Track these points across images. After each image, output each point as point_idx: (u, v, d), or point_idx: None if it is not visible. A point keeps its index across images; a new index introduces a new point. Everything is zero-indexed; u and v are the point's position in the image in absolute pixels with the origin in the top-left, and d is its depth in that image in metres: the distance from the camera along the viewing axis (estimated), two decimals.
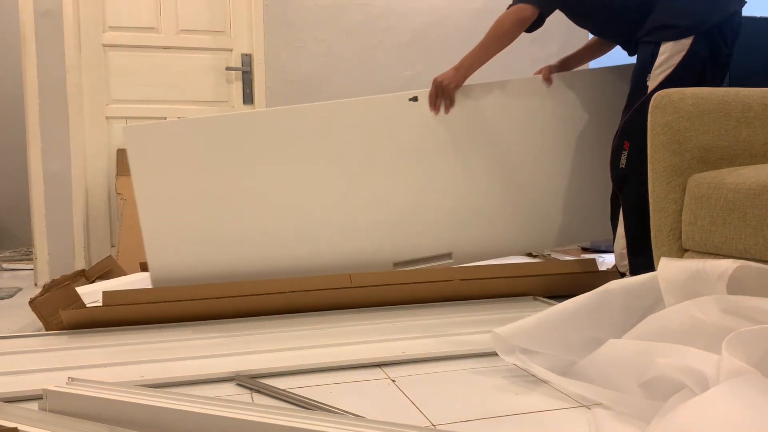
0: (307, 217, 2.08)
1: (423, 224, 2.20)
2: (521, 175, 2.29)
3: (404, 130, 2.15)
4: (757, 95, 1.65)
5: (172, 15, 3.07)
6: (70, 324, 1.82)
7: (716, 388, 0.97)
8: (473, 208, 2.25)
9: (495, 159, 2.26)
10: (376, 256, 2.16)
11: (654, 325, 1.23)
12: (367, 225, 2.14)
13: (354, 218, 2.12)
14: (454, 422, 1.15)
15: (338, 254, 2.11)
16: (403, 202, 2.17)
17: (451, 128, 2.20)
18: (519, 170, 2.28)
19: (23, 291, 2.66)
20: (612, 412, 1.15)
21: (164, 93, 3.08)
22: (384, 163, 2.14)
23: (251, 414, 1.01)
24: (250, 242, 2.04)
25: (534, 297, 2.16)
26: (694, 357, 1.07)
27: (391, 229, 2.17)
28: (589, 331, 1.36)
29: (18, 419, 1.06)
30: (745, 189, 1.39)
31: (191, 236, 1.99)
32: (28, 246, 3.89)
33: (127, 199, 2.85)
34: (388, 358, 1.51)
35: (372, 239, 2.15)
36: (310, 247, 2.09)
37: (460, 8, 3.35)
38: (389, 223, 2.16)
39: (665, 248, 1.61)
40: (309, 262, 2.09)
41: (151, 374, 1.41)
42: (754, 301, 1.13)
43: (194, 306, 1.89)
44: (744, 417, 0.90)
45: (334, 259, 2.11)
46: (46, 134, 2.88)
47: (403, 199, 2.17)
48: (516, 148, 2.27)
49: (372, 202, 2.14)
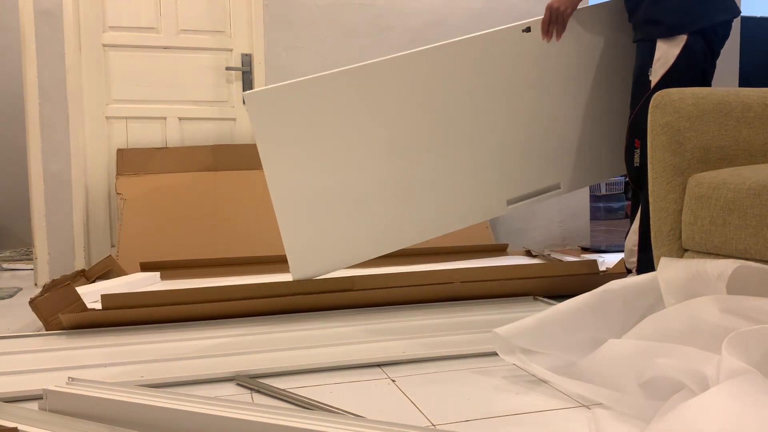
0: (431, 165, 2.04)
1: (533, 159, 2.18)
2: (622, 102, 2.26)
3: (516, 64, 2.10)
4: (757, 95, 1.65)
5: (172, 15, 3.07)
6: (70, 327, 1.82)
7: (716, 388, 0.96)
8: (579, 136, 2.22)
9: (600, 85, 2.21)
10: (490, 198, 2.15)
11: (654, 325, 1.23)
12: (482, 166, 2.11)
13: (471, 161, 2.09)
14: (454, 422, 1.15)
15: (455, 202, 2.10)
16: (514, 138, 2.14)
17: (561, 57, 2.14)
18: (623, 96, 2.24)
19: (23, 291, 2.65)
20: (612, 412, 1.15)
21: (164, 93, 3.08)
22: (496, 100, 2.09)
23: (251, 414, 1.01)
24: (381, 201, 2.01)
25: (534, 297, 2.15)
26: (694, 357, 1.07)
27: (504, 168, 2.14)
28: (589, 331, 1.36)
29: (18, 419, 1.06)
30: (745, 189, 1.39)
31: (325, 206, 1.95)
32: (28, 246, 3.89)
33: (127, 198, 2.86)
34: (388, 358, 1.51)
35: (487, 181, 2.13)
36: (435, 197, 2.06)
37: (460, 8, 3.35)
38: (502, 161, 2.13)
39: (665, 248, 1.61)
40: (434, 211, 2.07)
41: (151, 374, 1.41)
42: (754, 301, 1.13)
43: (194, 309, 1.89)
44: (744, 417, 0.90)
45: (452, 208, 2.10)
46: (46, 134, 2.88)
47: (514, 135, 2.13)
48: (617, 75, 2.22)
49: (487, 142, 2.11)
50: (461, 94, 2.05)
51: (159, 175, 2.94)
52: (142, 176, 2.92)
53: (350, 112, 1.94)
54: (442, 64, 2.01)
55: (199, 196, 2.93)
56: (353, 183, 1.98)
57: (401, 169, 2.02)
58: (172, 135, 3.09)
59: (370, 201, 2.01)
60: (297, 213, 1.93)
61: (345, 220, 1.99)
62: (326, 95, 1.91)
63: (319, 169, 1.93)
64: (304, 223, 1.95)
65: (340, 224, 1.98)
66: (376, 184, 2.00)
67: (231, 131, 3.16)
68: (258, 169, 3.03)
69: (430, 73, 2.00)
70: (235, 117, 3.16)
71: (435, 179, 2.07)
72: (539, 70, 2.13)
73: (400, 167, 2.02)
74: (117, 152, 2.96)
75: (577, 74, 2.19)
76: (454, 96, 2.04)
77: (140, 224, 2.81)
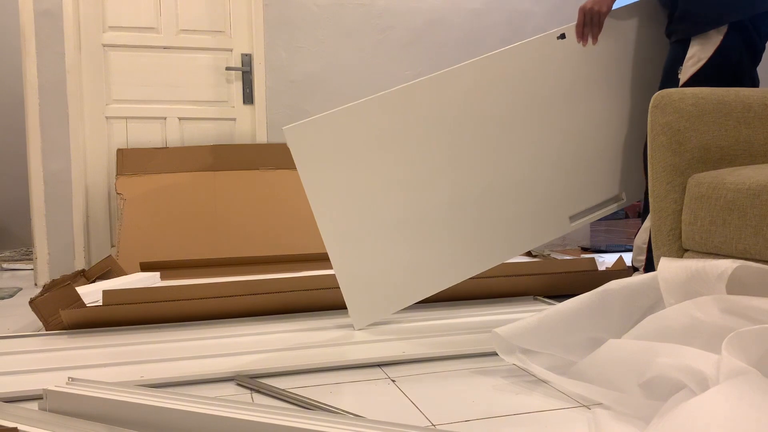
0: (484, 185, 1.95)
1: (590, 170, 2.09)
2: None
3: (556, 73, 2.01)
4: (757, 95, 1.65)
5: (172, 15, 3.07)
6: (70, 323, 1.82)
7: (716, 388, 0.96)
8: (635, 140, 2.13)
9: (644, 84, 2.14)
10: (552, 216, 2.05)
11: (654, 325, 1.23)
12: (540, 183, 2.02)
13: (528, 178, 2.00)
14: (454, 422, 1.15)
15: (516, 224, 2.00)
16: (568, 149, 2.05)
17: (601, 61, 2.07)
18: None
19: (23, 291, 2.65)
20: (612, 412, 1.15)
21: (164, 93, 3.08)
22: (540, 112, 2.01)
23: (251, 414, 1.01)
24: (436, 228, 1.90)
25: (534, 297, 2.15)
26: (694, 357, 1.07)
27: (563, 182, 2.05)
28: (589, 331, 1.36)
29: (18, 419, 1.06)
30: (745, 189, 1.39)
31: (378, 239, 1.84)
32: (28, 246, 3.89)
33: (127, 198, 2.86)
34: (388, 358, 1.51)
35: (547, 198, 2.03)
36: (491, 215, 1.96)
37: (459, 8, 3.35)
38: (559, 175, 2.04)
39: (665, 248, 1.61)
40: (494, 236, 1.97)
41: (151, 374, 1.41)
42: (754, 301, 1.13)
43: (194, 305, 1.89)
44: (744, 417, 0.90)
45: (513, 230, 2.00)
46: (46, 134, 2.88)
47: (568, 146, 2.05)
48: (659, 73, 2.14)
49: (541, 156, 2.02)
50: (502, 110, 1.96)
51: (159, 175, 2.94)
52: (142, 176, 2.92)
53: (392, 138, 1.86)
54: (479, 80, 1.94)
55: (199, 196, 2.93)
56: (405, 212, 1.87)
57: (453, 193, 1.92)
58: (172, 135, 3.09)
59: (425, 230, 1.90)
60: (349, 249, 1.82)
61: (398, 253, 1.87)
62: (367, 122, 1.83)
63: (368, 199, 1.84)
64: (357, 260, 1.83)
65: (394, 258, 1.87)
66: (429, 211, 1.90)
67: (231, 131, 3.16)
68: (258, 169, 3.03)
69: (468, 90, 1.92)
70: (234, 117, 3.16)
71: (491, 200, 1.97)
72: (580, 75, 2.05)
73: (452, 191, 1.92)
74: (117, 152, 2.96)
75: (619, 76, 2.11)
76: (497, 112, 1.96)
77: (140, 224, 2.81)
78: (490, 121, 1.96)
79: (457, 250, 1.94)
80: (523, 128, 1.99)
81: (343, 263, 1.82)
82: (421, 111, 1.89)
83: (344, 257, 1.82)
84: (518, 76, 1.98)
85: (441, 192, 1.91)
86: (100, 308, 1.84)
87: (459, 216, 1.94)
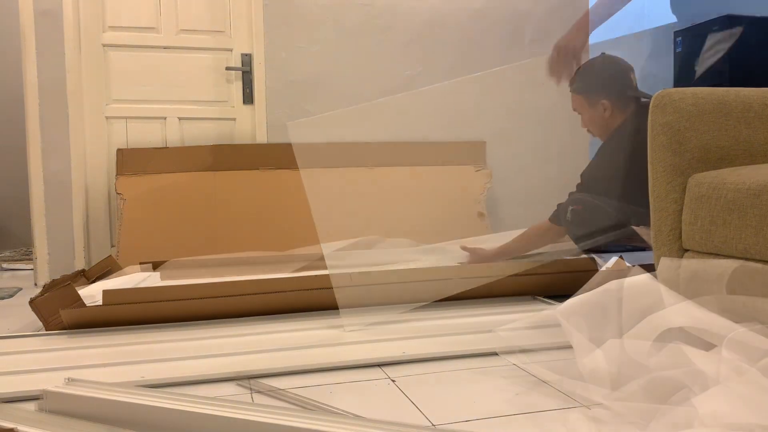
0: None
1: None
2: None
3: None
4: (757, 95, 1.65)
5: (172, 15, 3.07)
6: (70, 323, 1.82)
7: (716, 388, 0.96)
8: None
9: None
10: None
11: (654, 325, 1.23)
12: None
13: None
14: (454, 422, 1.15)
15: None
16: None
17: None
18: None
19: (23, 291, 2.65)
20: (611, 412, 1.15)
21: (164, 93, 3.08)
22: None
23: (251, 414, 1.01)
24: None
25: (534, 297, 2.15)
26: (694, 357, 1.07)
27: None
28: (589, 331, 1.36)
29: (16, 420, 1.06)
30: (745, 189, 1.39)
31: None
32: (28, 246, 3.88)
33: (127, 198, 2.85)
34: (388, 358, 1.51)
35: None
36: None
37: (460, 8, 3.35)
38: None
39: (665, 248, 1.61)
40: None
41: (151, 374, 1.41)
42: (754, 301, 1.13)
43: (194, 305, 1.89)
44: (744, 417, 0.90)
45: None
46: (46, 134, 2.88)
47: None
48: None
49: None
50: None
51: (159, 175, 2.94)
52: (142, 176, 2.92)
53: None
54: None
55: (198, 196, 2.93)
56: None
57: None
58: (172, 135, 3.08)
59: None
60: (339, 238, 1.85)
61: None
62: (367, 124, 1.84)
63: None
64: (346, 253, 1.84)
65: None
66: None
67: (231, 131, 3.16)
68: (258, 169, 3.03)
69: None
70: (235, 117, 3.16)
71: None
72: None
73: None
74: (117, 152, 2.96)
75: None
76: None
77: (140, 224, 2.81)
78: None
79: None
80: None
81: (332, 254, 1.83)
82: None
83: (333, 246, 1.84)
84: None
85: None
86: (100, 308, 1.84)
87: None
